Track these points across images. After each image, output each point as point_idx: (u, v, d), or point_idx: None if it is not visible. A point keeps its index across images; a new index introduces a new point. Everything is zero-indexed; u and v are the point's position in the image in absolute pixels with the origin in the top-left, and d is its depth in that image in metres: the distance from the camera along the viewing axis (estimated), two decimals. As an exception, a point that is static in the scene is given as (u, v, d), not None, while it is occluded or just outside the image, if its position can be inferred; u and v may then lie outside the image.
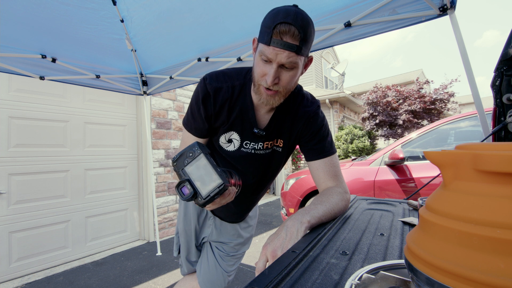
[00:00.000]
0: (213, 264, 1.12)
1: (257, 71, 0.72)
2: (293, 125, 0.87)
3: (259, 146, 0.87)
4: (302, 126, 0.86)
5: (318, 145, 0.86)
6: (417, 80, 8.51)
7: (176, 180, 3.61)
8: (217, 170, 0.55)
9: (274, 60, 0.67)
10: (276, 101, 0.75)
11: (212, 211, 1.10)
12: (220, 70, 0.85)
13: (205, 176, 0.55)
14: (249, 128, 0.84)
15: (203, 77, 0.82)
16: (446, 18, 1.26)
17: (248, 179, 0.93)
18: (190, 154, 0.57)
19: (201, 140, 0.88)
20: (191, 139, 0.87)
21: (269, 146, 0.88)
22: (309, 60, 0.76)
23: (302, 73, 0.76)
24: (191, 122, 0.85)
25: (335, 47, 14.83)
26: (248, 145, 0.86)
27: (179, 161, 0.58)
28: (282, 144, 0.90)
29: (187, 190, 0.55)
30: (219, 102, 0.80)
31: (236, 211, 1.07)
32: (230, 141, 0.87)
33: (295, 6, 0.68)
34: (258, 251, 2.70)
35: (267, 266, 0.50)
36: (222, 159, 0.92)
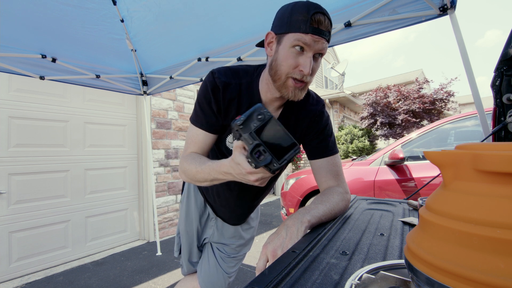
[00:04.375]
0: (213, 265, 1.12)
1: (288, 63, 0.70)
2: (298, 123, 0.86)
3: None
4: (307, 124, 0.86)
5: (322, 143, 0.86)
6: (416, 80, 8.51)
7: (177, 180, 3.62)
8: (289, 133, 0.51)
9: (312, 48, 0.68)
10: (302, 94, 0.75)
11: (215, 213, 1.10)
12: (227, 66, 0.83)
13: (278, 140, 0.51)
14: None
15: (210, 71, 0.80)
16: (447, 18, 1.26)
17: None
18: (260, 117, 0.51)
19: (211, 137, 0.84)
20: (202, 136, 0.83)
21: None
22: None
23: None
24: (201, 117, 0.82)
25: (335, 47, 14.82)
26: None
27: (246, 123, 0.52)
28: None
29: (262, 155, 0.50)
30: (227, 98, 0.79)
31: (239, 213, 1.07)
32: None
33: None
34: (258, 251, 2.70)
35: (267, 266, 0.50)
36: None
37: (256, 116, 0.52)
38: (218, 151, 0.92)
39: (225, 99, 0.79)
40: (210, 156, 0.94)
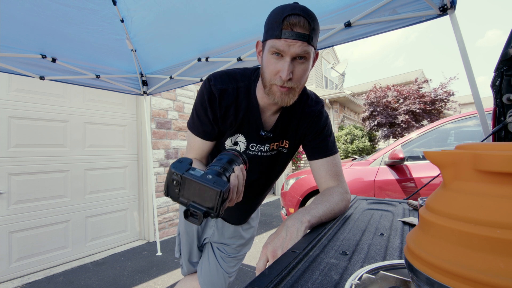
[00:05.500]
0: (214, 265, 1.12)
1: (269, 70, 0.70)
2: (298, 125, 0.86)
3: (265, 148, 0.86)
4: (306, 125, 0.86)
5: (321, 144, 0.86)
6: (416, 80, 8.52)
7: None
8: (207, 182, 0.52)
9: (287, 52, 0.66)
10: (291, 99, 0.73)
11: None
12: (224, 70, 0.83)
13: (201, 193, 0.52)
14: (255, 130, 0.83)
15: (207, 78, 0.80)
16: (448, 18, 1.26)
17: (253, 180, 0.93)
18: (175, 183, 0.53)
19: (209, 143, 0.87)
20: (199, 143, 0.86)
21: (274, 148, 0.88)
22: (316, 55, 0.76)
23: (311, 68, 0.75)
24: (198, 125, 0.83)
25: (335, 47, 14.83)
26: (254, 147, 0.86)
27: (170, 193, 0.55)
28: (287, 145, 0.89)
29: (195, 215, 0.53)
30: (225, 104, 0.79)
31: (240, 213, 1.07)
32: (236, 144, 0.86)
33: (296, 3, 0.68)
34: (258, 251, 2.70)
35: (267, 266, 0.50)
36: None
37: (172, 182, 0.53)
38: (218, 153, 0.92)
39: (222, 107, 0.79)
40: (210, 158, 0.95)
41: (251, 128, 0.83)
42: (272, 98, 0.73)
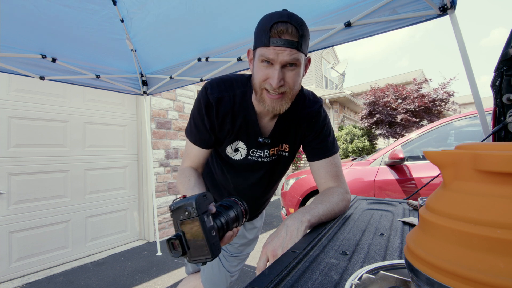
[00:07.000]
0: (216, 264, 1.12)
1: (259, 76, 0.70)
2: (297, 127, 0.87)
3: (265, 153, 0.87)
4: (305, 126, 0.86)
5: (321, 144, 0.86)
6: (414, 80, 8.52)
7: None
8: (209, 241, 0.52)
9: (276, 60, 0.66)
10: (283, 106, 0.73)
11: None
12: (220, 77, 0.83)
13: (196, 241, 0.52)
14: (254, 136, 0.84)
15: (203, 86, 0.81)
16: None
17: (255, 184, 0.93)
18: (186, 213, 0.53)
19: (206, 151, 0.87)
20: (196, 151, 0.86)
21: (275, 152, 0.89)
22: (308, 61, 0.76)
23: (303, 75, 0.75)
24: (195, 133, 0.84)
25: (335, 47, 14.83)
26: (255, 153, 0.86)
27: (176, 212, 0.54)
28: (288, 148, 0.90)
29: (176, 247, 0.53)
30: (222, 112, 0.79)
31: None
32: (236, 150, 0.87)
33: (285, 10, 0.68)
34: (258, 251, 2.69)
35: (267, 266, 0.50)
36: (229, 166, 0.92)
37: (184, 209, 0.53)
38: (219, 158, 0.93)
39: (219, 114, 0.79)
40: (210, 163, 0.96)
41: (250, 135, 0.84)
42: (263, 106, 0.73)
